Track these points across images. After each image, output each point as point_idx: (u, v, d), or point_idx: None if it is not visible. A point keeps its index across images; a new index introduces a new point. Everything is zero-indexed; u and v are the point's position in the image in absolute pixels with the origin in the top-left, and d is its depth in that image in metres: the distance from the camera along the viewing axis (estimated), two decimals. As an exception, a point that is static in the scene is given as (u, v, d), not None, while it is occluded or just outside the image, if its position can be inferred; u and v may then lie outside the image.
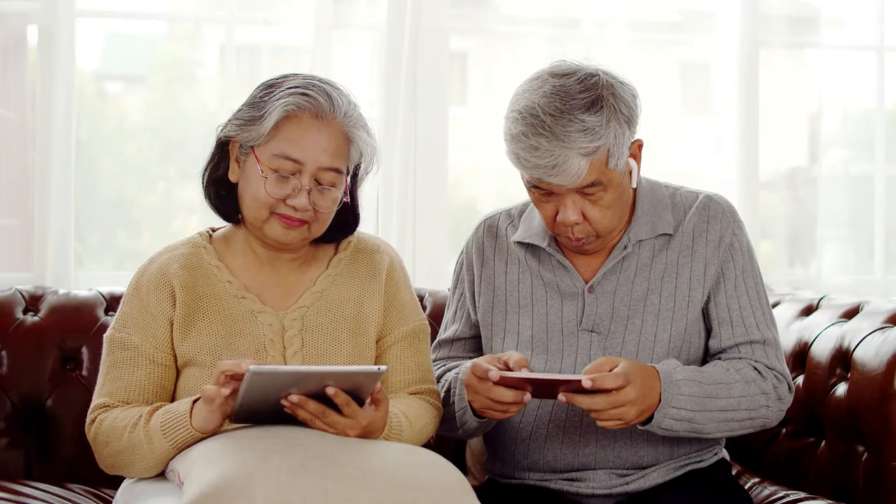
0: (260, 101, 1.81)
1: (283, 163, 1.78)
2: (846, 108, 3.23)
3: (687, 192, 2.00)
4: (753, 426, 1.89)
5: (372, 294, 1.93)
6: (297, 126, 1.79)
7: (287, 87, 1.80)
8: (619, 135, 1.80)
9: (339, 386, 1.63)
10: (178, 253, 1.90)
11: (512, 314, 1.99)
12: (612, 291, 1.93)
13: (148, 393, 1.82)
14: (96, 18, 3.02)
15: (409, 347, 1.95)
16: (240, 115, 1.84)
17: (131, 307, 1.87)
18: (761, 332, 1.92)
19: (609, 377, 1.71)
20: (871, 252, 3.21)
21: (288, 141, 1.78)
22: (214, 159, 1.89)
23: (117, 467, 1.78)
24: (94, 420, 1.81)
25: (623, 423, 1.74)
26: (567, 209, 1.83)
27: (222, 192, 1.89)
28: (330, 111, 1.80)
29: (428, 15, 2.89)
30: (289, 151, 1.78)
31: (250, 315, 1.85)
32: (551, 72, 1.83)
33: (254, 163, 1.80)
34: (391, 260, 1.99)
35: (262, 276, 1.90)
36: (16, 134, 2.91)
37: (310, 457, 1.54)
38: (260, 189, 1.79)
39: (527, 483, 1.97)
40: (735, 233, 1.95)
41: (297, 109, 1.78)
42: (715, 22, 3.15)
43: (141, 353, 1.83)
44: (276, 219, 1.81)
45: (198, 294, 1.86)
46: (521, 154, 1.79)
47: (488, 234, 2.07)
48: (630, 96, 1.84)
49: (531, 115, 1.78)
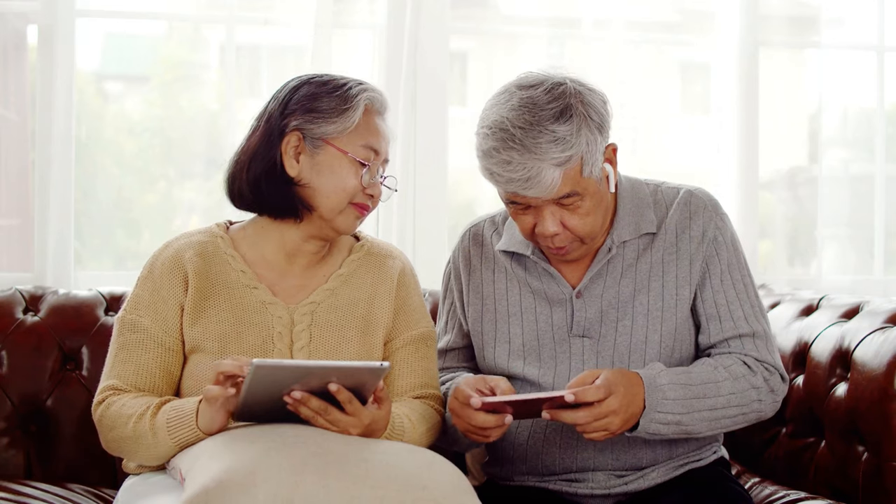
0: (343, 93, 1.85)
1: (368, 153, 1.85)
2: (846, 107, 3.22)
3: (668, 189, 1.99)
4: (747, 420, 1.89)
5: (382, 296, 1.95)
6: (376, 118, 1.88)
7: (354, 84, 1.87)
8: (591, 142, 1.78)
9: (342, 382, 1.64)
10: (194, 240, 1.92)
11: (502, 323, 1.98)
12: (599, 295, 1.93)
13: (155, 377, 1.83)
14: (96, 18, 3.02)
15: (417, 352, 1.96)
16: (316, 106, 1.83)
17: (144, 290, 1.88)
18: (750, 324, 1.92)
19: (590, 390, 1.71)
20: (871, 252, 3.21)
21: (373, 133, 1.87)
22: (270, 152, 1.85)
23: (119, 452, 1.81)
24: (102, 401, 1.82)
25: (609, 433, 1.74)
26: (546, 220, 1.82)
27: (273, 185, 1.85)
28: (385, 109, 1.91)
29: (428, 15, 2.89)
30: (374, 143, 1.86)
31: (261, 306, 1.87)
32: (518, 84, 1.82)
33: (335, 154, 1.83)
34: (403, 266, 2.01)
35: (276, 269, 1.91)
36: (16, 134, 2.91)
37: (312, 454, 1.55)
38: (350, 179, 1.84)
39: (526, 485, 1.97)
40: (718, 226, 1.94)
41: (374, 104, 1.87)
42: (715, 22, 3.15)
43: (150, 336, 1.84)
44: (351, 208, 1.86)
45: (210, 281, 1.87)
46: (494, 169, 1.78)
47: (474, 243, 2.06)
48: (600, 102, 1.83)
49: (501, 130, 1.77)
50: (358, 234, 2.03)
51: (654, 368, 1.82)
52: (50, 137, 2.71)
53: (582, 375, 1.76)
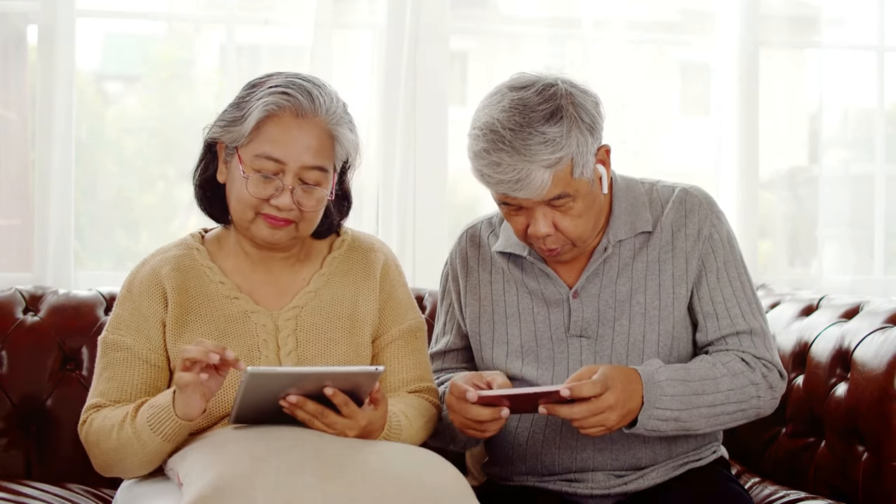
0: (242, 102, 1.81)
1: (265, 163, 1.77)
2: (846, 107, 3.22)
3: (663, 187, 1.99)
4: (746, 417, 1.89)
5: (367, 293, 1.93)
6: (277, 125, 1.78)
7: (268, 87, 1.80)
8: (581, 143, 1.78)
9: (338, 386, 1.63)
10: (169, 255, 1.90)
11: (500, 324, 1.98)
12: (596, 295, 1.93)
13: (141, 393, 1.81)
14: (96, 18, 3.02)
15: (407, 346, 1.95)
16: (223, 117, 1.84)
17: (124, 309, 1.87)
18: (747, 322, 1.92)
19: (587, 385, 1.71)
20: (871, 252, 3.21)
21: (269, 141, 1.77)
22: (203, 161, 1.90)
23: (110, 466, 1.78)
24: (85, 421, 1.81)
25: (605, 428, 1.74)
26: (538, 222, 1.82)
27: (209, 193, 1.89)
28: (311, 109, 1.79)
29: (428, 15, 2.89)
30: (270, 151, 1.77)
31: (243, 315, 1.85)
32: (510, 85, 1.82)
33: (237, 164, 1.80)
34: (386, 258, 1.98)
35: (254, 276, 1.90)
36: (16, 134, 2.91)
37: (309, 457, 1.54)
38: (243, 190, 1.78)
39: (525, 485, 1.97)
40: (714, 224, 1.94)
41: (278, 109, 1.77)
42: (715, 22, 3.15)
43: (134, 354, 1.83)
44: (261, 219, 1.80)
45: (190, 295, 1.85)
46: (485, 171, 1.78)
47: (471, 244, 2.06)
48: (592, 103, 1.82)
49: (491, 131, 1.76)
50: (339, 229, 1.99)
51: (652, 365, 1.82)
52: (50, 137, 2.71)
53: (580, 371, 1.76)
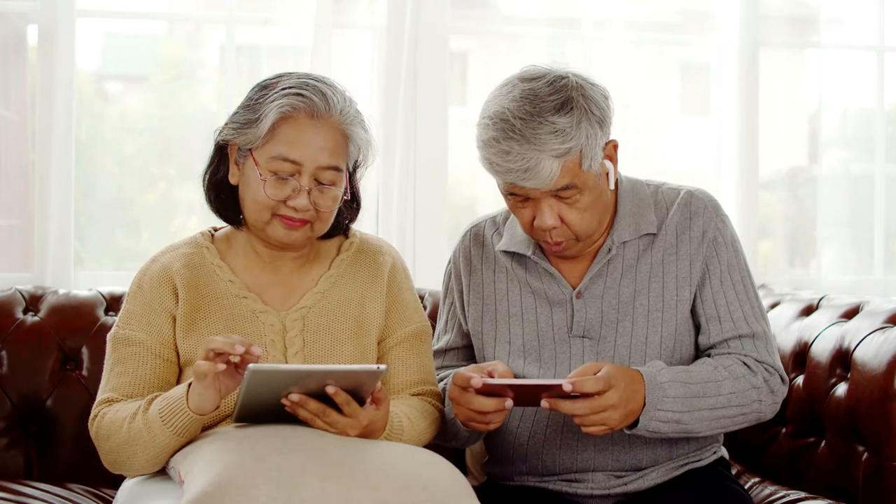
0: (255, 104, 1.81)
1: (282, 164, 1.78)
2: (846, 107, 3.23)
3: (669, 189, 1.99)
4: (747, 420, 1.89)
5: (374, 295, 1.93)
6: (293, 127, 1.78)
7: (281, 88, 1.80)
8: (591, 135, 1.78)
9: (340, 385, 1.63)
10: (180, 252, 1.91)
11: (502, 323, 1.98)
12: (599, 296, 1.93)
13: (153, 387, 1.81)
14: (96, 18, 3.03)
15: (411, 349, 1.95)
16: (236, 119, 1.83)
17: (135, 304, 1.87)
18: (750, 325, 1.92)
19: (590, 381, 1.70)
20: (871, 252, 3.21)
21: (285, 142, 1.78)
22: (214, 163, 1.90)
23: (119, 462, 1.77)
24: (96, 415, 1.80)
25: (607, 427, 1.74)
26: (544, 213, 1.82)
27: (222, 195, 1.89)
28: (325, 110, 1.80)
29: (428, 15, 2.89)
30: (286, 153, 1.78)
31: (252, 315, 1.85)
32: (521, 76, 1.83)
33: (252, 166, 1.80)
34: (393, 261, 1.99)
35: (263, 276, 1.90)
36: (16, 134, 2.91)
37: (310, 456, 1.54)
38: (259, 192, 1.79)
39: (526, 485, 1.97)
40: (718, 227, 1.94)
41: (293, 110, 1.78)
42: (715, 22, 3.15)
43: (146, 349, 1.83)
44: (278, 220, 1.81)
45: (200, 293, 1.86)
46: (494, 159, 1.78)
47: (475, 243, 2.06)
48: (601, 97, 1.83)
49: (501, 120, 1.77)
50: (347, 231, 1.99)
51: (654, 366, 1.82)
52: (50, 137, 2.71)
53: (583, 367, 1.76)
